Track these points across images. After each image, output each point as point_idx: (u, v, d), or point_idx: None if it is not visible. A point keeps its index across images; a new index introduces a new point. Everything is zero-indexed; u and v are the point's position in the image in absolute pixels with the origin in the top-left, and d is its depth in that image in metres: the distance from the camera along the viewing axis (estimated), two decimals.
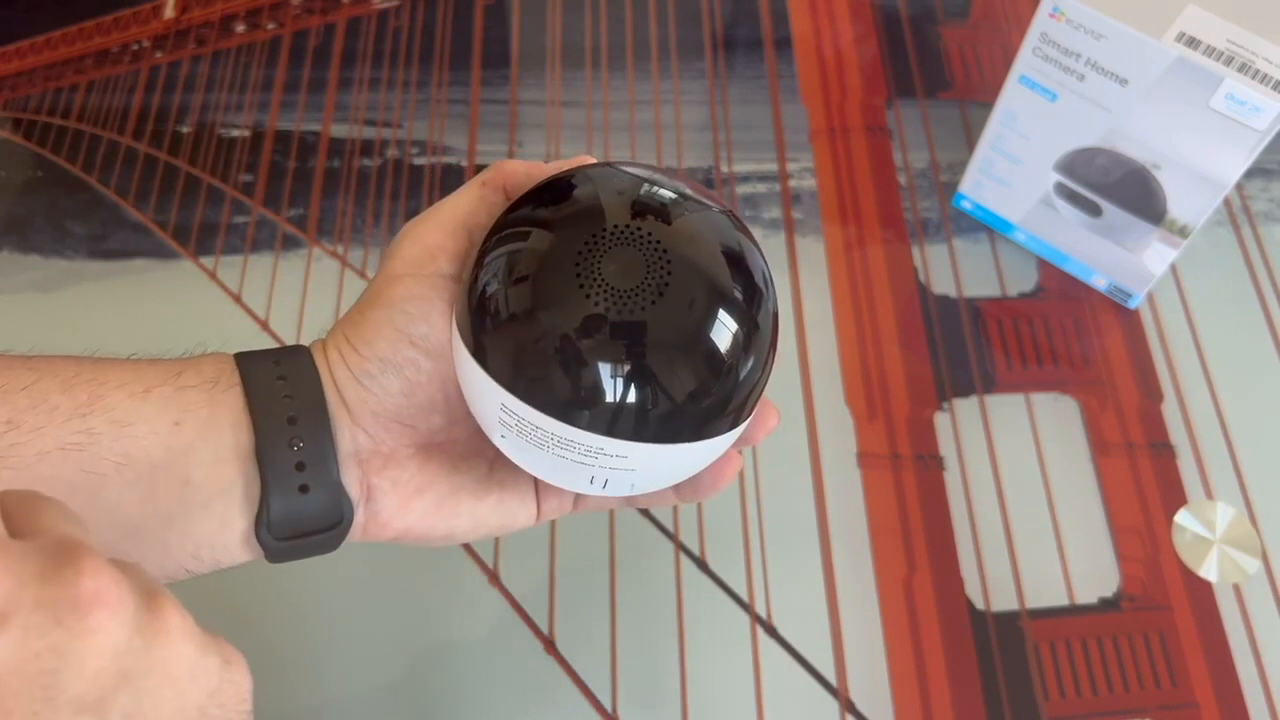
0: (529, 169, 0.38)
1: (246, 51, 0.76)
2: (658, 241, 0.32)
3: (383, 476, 0.37)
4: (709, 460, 0.37)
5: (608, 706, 0.52)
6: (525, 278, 0.33)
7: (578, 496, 0.41)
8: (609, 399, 0.32)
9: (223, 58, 0.75)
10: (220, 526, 0.35)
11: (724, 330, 0.33)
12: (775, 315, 0.35)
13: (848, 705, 0.52)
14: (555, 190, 0.35)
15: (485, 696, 0.52)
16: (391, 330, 0.36)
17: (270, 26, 0.77)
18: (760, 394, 0.36)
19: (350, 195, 0.69)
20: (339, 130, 0.72)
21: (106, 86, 0.74)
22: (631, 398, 0.32)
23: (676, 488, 0.40)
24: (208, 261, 0.66)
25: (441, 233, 0.37)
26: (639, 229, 0.32)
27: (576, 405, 0.32)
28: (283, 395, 0.35)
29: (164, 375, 0.35)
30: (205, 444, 0.35)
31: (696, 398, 0.33)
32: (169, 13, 0.78)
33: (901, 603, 0.55)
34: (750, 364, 0.34)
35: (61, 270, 0.66)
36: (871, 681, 0.53)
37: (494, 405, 0.34)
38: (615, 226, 0.32)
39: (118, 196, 0.69)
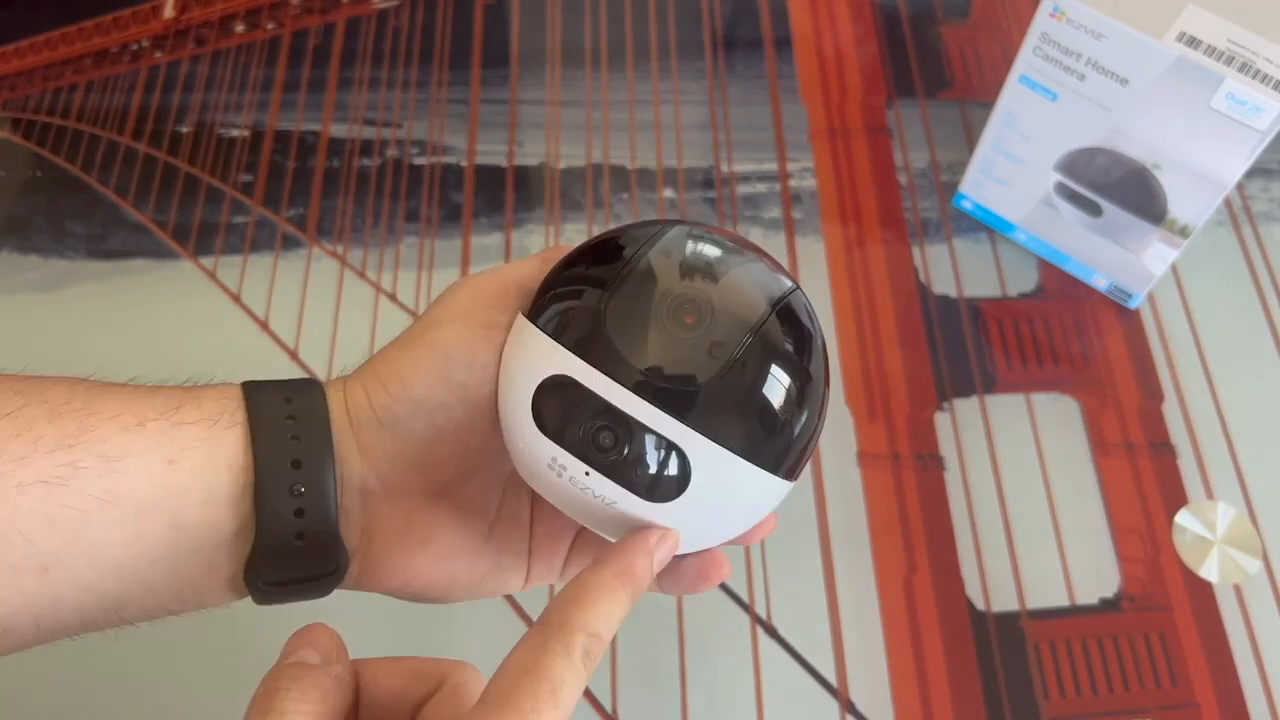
0: None
1: (246, 51, 0.76)
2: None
3: (386, 524, 0.36)
4: (735, 513, 0.35)
5: (608, 707, 0.52)
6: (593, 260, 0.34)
7: (565, 563, 0.40)
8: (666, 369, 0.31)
9: (222, 58, 0.75)
10: (208, 570, 0.34)
11: (786, 384, 0.32)
12: (827, 385, 0.35)
13: (848, 705, 0.52)
14: (608, 247, 0.35)
15: None
16: (431, 374, 0.34)
17: (270, 26, 0.77)
18: (806, 457, 0.35)
19: (350, 195, 0.69)
20: (339, 130, 0.72)
21: (106, 86, 0.74)
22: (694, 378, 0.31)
23: (661, 575, 0.37)
24: (207, 261, 0.66)
25: (498, 287, 0.36)
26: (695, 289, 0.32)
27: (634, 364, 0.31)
28: (289, 436, 0.34)
29: (161, 408, 0.33)
30: (198, 484, 0.33)
31: (757, 413, 0.32)
32: (168, 12, 0.77)
33: (901, 603, 0.55)
34: (805, 416, 0.33)
35: (61, 270, 0.66)
36: (871, 681, 0.53)
37: (546, 368, 0.32)
38: (677, 284, 0.32)
39: (117, 196, 0.69)
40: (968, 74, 0.74)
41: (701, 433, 0.31)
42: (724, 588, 0.55)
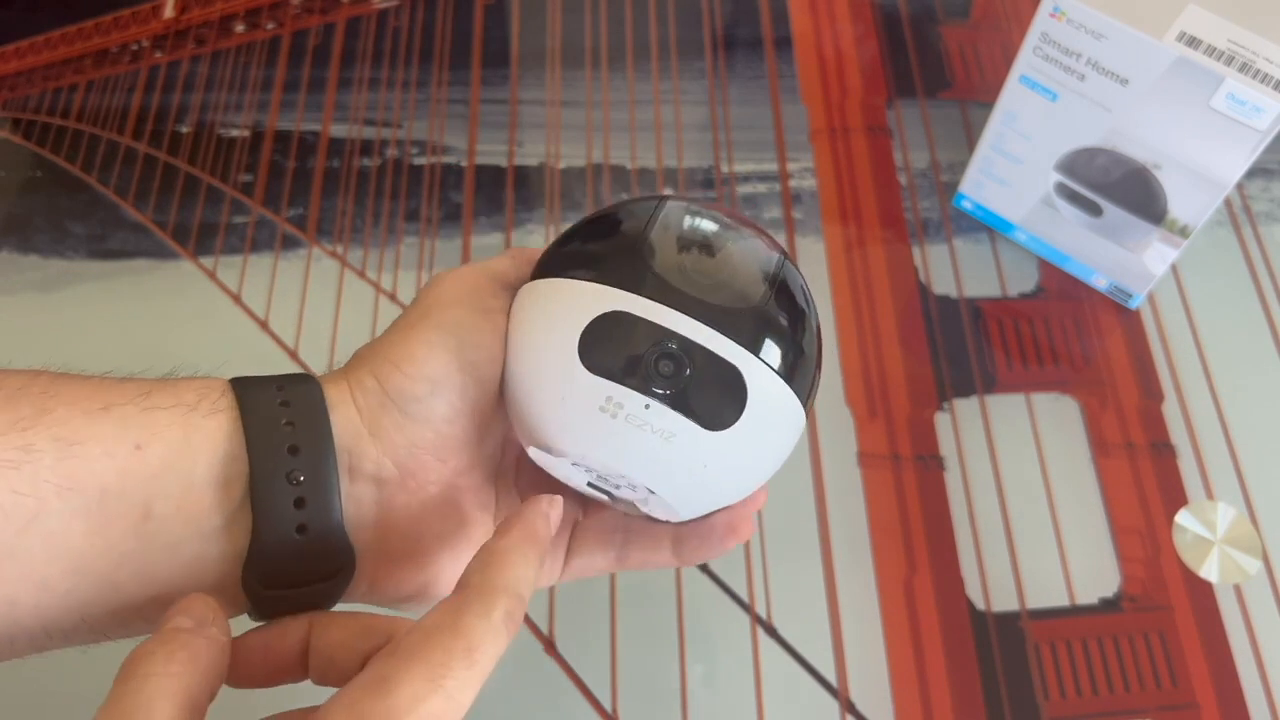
0: None
1: (246, 51, 0.76)
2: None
3: (404, 514, 0.34)
4: (771, 448, 0.35)
5: (608, 707, 0.52)
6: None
7: (566, 562, 0.39)
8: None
9: (222, 58, 0.75)
10: (187, 571, 0.31)
11: (809, 316, 0.36)
12: (819, 351, 0.36)
13: (848, 705, 0.52)
14: (613, 215, 0.37)
15: (485, 697, 0.52)
16: (444, 352, 0.33)
17: (270, 26, 0.77)
18: (816, 391, 0.36)
19: (350, 195, 0.69)
20: (339, 130, 0.72)
21: (106, 86, 0.74)
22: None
23: (675, 544, 0.37)
24: (207, 261, 0.66)
25: (484, 278, 0.36)
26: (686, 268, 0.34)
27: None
28: (284, 422, 0.32)
29: (130, 394, 0.31)
30: (172, 472, 0.30)
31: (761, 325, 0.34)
32: (168, 12, 0.77)
33: (901, 603, 0.55)
34: (819, 349, 0.36)
35: (61, 270, 0.66)
36: (871, 681, 0.53)
37: (582, 321, 0.32)
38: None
39: (117, 196, 0.69)
40: (968, 74, 0.74)
41: (755, 354, 0.32)
42: (724, 588, 0.55)
